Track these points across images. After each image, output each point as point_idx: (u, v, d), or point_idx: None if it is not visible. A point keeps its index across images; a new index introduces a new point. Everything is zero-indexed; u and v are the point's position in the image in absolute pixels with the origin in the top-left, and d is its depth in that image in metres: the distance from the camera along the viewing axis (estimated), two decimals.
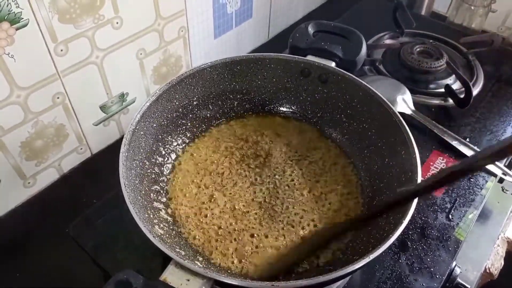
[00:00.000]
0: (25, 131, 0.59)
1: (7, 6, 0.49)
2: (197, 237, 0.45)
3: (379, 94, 0.48)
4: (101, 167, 0.69)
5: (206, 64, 0.52)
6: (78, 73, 0.61)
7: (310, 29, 0.55)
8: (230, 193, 0.49)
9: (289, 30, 1.00)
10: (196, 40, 0.77)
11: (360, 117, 0.51)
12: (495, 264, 0.62)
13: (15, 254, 0.59)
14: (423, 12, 0.94)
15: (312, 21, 0.56)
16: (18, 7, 0.50)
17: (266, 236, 0.45)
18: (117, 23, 0.62)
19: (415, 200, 0.39)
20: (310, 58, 0.53)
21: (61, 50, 0.57)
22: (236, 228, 0.46)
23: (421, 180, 0.41)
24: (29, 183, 0.64)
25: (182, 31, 0.73)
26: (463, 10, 0.93)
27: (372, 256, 0.34)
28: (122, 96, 0.70)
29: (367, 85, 0.49)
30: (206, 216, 0.47)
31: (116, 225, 0.53)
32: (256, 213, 0.47)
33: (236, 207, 0.48)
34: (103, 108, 0.68)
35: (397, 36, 0.80)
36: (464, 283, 0.53)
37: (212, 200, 0.49)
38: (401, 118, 0.45)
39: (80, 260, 0.55)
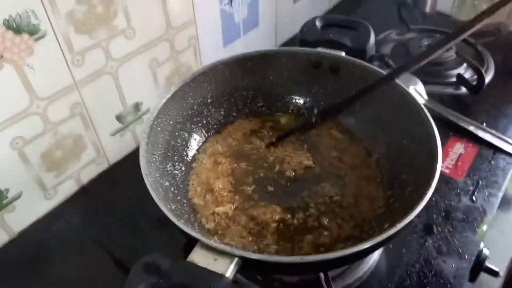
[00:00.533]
0: (45, 142, 0.60)
1: (27, 17, 0.51)
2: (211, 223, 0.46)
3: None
4: (118, 177, 0.70)
5: (218, 61, 0.53)
6: (94, 83, 0.62)
7: (318, 23, 0.56)
8: (246, 189, 0.50)
9: (295, 37, 1.02)
10: (206, 49, 0.79)
11: (373, 102, 0.51)
12: None
13: (39, 267, 0.59)
14: (427, 11, 0.95)
15: (318, 16, 0.57)
16: (37, 18, 0.52)
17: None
18: (130, 33, 0.63)
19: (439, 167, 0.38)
20: (320, 49, 0.54)
21: (78, 61, 0.59)
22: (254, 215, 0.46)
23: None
24: (49, 194, 0.65)
25: (192, 40, 0.75)
26: (466, 7, 0.94)
27: (405, 221, 0.34)
28: (137, 106, 0.71)
29: (379, 69, 0.49)
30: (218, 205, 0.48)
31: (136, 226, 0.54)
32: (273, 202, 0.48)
33: (255, 197, 0.48)
34: (119, 118, 0.69)
35: (403, 32, 0.81)
36: (493, 267, 0.51)
37: (229, 194, 0.49)
38: (416, 98, 0.46)
39: (104, 269, 0.55)
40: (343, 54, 0.53)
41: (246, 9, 0.83)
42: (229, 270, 0.33)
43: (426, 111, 0.44)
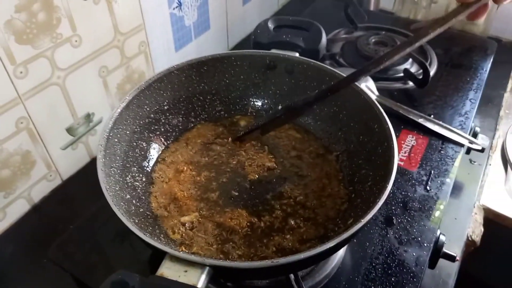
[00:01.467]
0: None
1: None
2: (177, 234, 0.45)
3: (344, 75, 0.49)
4: (73, 193, 0.67)
5: (173, 67, 0.52)
6: (40, 95, 0.59)
7: (270, 25, 0.57)
8: (211, 196, 0.49)
9: (246, 39, 1.02)
10: (158, 54, 0.77)
11: (330, 101, 0.53)
12: (476, 231, 0.64)
13: None
14: (371, 9, 0.99)
15: (271, 17, 0.58)
16: None
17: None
18: (75, 41, 0.61)
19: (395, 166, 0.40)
20: (274, 51, 0.54)
21: (21, 72, 0.55)
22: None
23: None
24: None
25: (142, 46, 0.73)
26: (407, 4, 0.99)
27: (369, 215, 0.35)
28: (88, 117, 0.69)
29: (332, 69, 0.51)
30: (183, 215, 0.47)
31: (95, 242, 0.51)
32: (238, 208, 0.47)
33: (220, 203, 0.48)
34: (69, 130, 0.66)
35: (352, 31, 0.84)
36: (450, 252, 0.54)
37: (193, 202, 0.48)
38: (369, 95, 0.47)
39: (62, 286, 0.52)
40: (297, 55, 0.54)
41: (196, 12, 0.82)
42: (201, 281, 0.32)
43: (380, 107, 0.46)
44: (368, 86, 0.69)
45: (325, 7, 0.96)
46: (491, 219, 0.67)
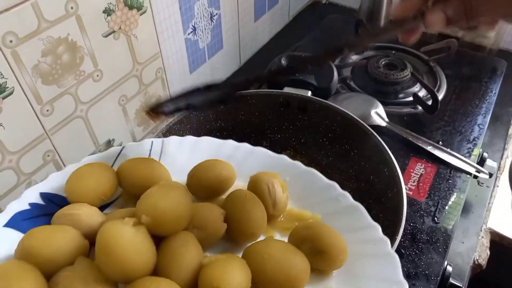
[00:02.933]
0: (19, 193, 0.60)
1: None
2: None
3: (356, 117, 0.51)
4: None
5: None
6: (65, 129, 0.62)
7: (284, 62, 0.59)
8: None
9: (258, 53, 1.04)
10: (173, 78, 0.80)
11: (341, 140, 0.55)
12: (482, 255, 0.66)
13: None
14: (382, 24, 1.00)
15: (284, 53, 0.60)
16: (3, 77, 0.51)
17: None
18: (97, 75, 0.64)
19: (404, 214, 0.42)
20: (287, 89, 0.57)
21: (47, 111, 0.58)
22: None
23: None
24: None
25: (159, 72, 0.76)
26: None
27: None
28: (109, 143, 0.72)
29: (344, 110, 0.53)
30: None
31: None
32: None
33: None
34: None
35: (362, 51, 0.85)
36: (456, 283, 0.56)
37: None
38: (380, 139, 0.49)
39: None
40: (309, 94, 0.56)
41: (209, 34, 0.84)
42: None
43: (390, 152, 0.48)
44: (378, 112, 0.71)
45: (336, 20, 0.97)
46: (497, 241, 0.70)
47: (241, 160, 0.45)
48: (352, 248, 0.36)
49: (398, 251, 0.55)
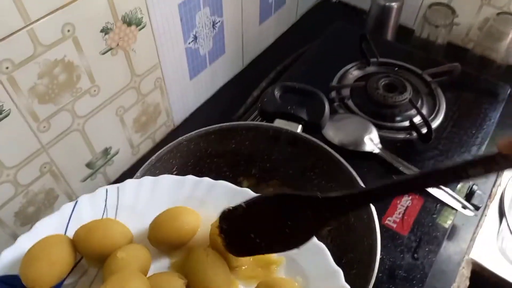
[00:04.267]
0: (18, 202, 0.63)
1: None
2: None
3: (342, 160, 0.52)
4: None
5: (182, 138, 0.56)
6: (62, 142, 0.64)
7: (277, 92, 0.59)
8: None
9: (263, 55, 1.03)
10: (172, 86, 0.80)
11: (327, 177, 0.56)
12: (461, 286, 0.68)
13: None
14: (390, 30, 0.98)
15: (278, 84, 0.60)
16: None
17: None
18: (94, 91, 0.64)
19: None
20: (278, 122, 0.57)
21: (44, 127, 0.60)
22: None
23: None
24: None
25: (158, 81, 0.76)
26: (427, 28, 0.97)
27: None
28: (106, 151, 0.74)
29: (331, 151, 0.54)
30: None
31: None
32: None
33: None
34: (88, 165, 0.72)
35: (364, 66, 0.84)
36: None
37: None
38: (364, 187, 0.50)
39: None
40: (299, 128, 0.57)
41: (211, 41, 0.84)
42: None
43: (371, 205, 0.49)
44: (372, 138, 0.71)
45: (343, 29, 0.95)
46: (478, 271, 0.71)
47: (203, 196, 0.44)
48: None
49: (374, 286, 0.57)
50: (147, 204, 0.43)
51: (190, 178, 0.45)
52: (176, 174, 0.58)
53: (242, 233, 0.38)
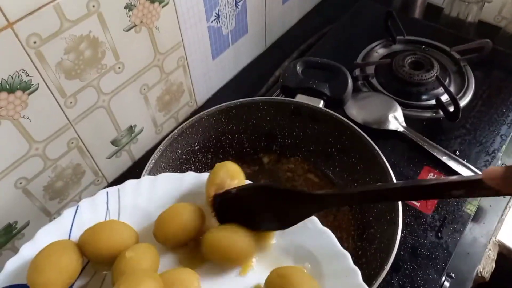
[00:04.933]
0: (46, 177, 0.65)
1: (18, 77, 0.53)
2: None
3: (365, 135, 0.51)
4: None
5: (203, 113, 0.56)
6: (88, 118, 0.66)
7: (299, 67, 0.58)
8: None
9: (286, 35, 1.02)
10: (195, 65, 0.80)
11: (349, 152, 0.55)
12: (486, 267, 0.67)
13: None
14: (418, 8, 0.95)
15: (300, 59, 0.59)
16: (28, 75, 0.54)
17: None
18: (119, 68, 0.66)
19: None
20: (299, 97, 0.57)
21: (71, 103, 0.62)
22: None
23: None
24: (54, 217, 0.71)
25: (181, 60, 0.77)
26: (457, 5, 0.93)
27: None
28: (131, 129, 0.75)
29: (354, 126, 0.53)
30: None
31: None
32: None
33: None
34: (114, 142, 0.73)
35: (390, 44, 0.82)
36: None
37: None
38: (385, 161, 0.49)
39: None
40: (321, 104, 0.56)
41: (234, 20, 0.83)
42: None
43: (393, 177, 0.48)
44: (396, 116, 0.69)
45: (366, 11, 0.93)
46: (504, 254, 0.69)
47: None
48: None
49: (395, 263, 0.56)
50: (148, 203, 0.43)
51: (191, 174, 0.44)
52: (198, 149, 0.59)
53: (233, 209, 0.39)
